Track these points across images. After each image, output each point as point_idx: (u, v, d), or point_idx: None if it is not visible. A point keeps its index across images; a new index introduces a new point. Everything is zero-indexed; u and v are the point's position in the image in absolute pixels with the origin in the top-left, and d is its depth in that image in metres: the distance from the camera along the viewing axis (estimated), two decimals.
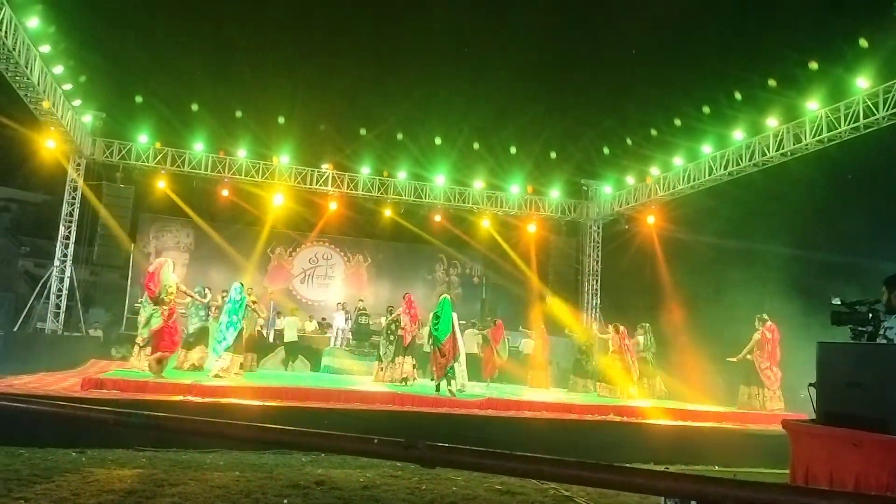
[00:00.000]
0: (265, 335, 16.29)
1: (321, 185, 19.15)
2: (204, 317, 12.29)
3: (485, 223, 20.73)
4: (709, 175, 16.42)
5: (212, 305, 12.59)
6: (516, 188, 20.24)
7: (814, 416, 4.08)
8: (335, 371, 14.73)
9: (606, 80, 17.38)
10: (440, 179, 19.55)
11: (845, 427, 3.73)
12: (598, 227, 21.49)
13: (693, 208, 17.70)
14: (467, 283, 22.86)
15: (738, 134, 15.35)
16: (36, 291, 17.07)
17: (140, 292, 18.74)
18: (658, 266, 18.60)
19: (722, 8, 14.77)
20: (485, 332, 15.48)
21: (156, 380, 9.81)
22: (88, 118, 17.39)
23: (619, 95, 17.19)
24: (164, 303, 10.28)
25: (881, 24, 11.93)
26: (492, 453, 1.71)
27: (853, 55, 12.44)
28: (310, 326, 17.05)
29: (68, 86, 15.16)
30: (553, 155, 19.20)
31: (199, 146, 18.22)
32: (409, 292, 13.65)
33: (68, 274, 17.22)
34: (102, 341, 17.16)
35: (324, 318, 18.53)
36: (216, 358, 11.27)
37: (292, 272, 21.46)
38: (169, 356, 10.71)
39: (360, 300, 18.34)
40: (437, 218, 20.26)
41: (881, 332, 4.21)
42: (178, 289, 10.93)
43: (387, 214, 20.13)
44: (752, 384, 12.18)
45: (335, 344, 16.72)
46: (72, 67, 14.72)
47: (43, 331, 16.60)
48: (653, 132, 16.99)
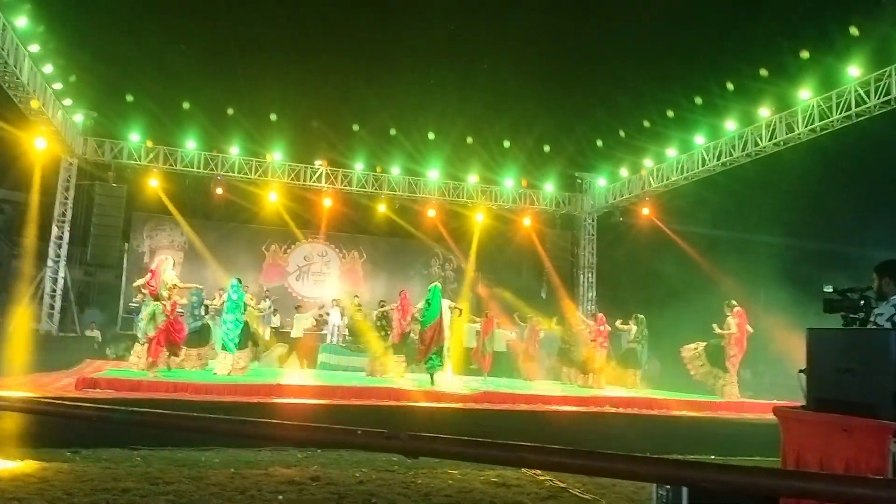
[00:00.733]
0: (262, 332, 16.24)
1: (315, 182, 19.12)
2: (200, 316, 12.32)
3: (479, 217, 20.73)
4: (702, 166, 16.45)
5: (209, 307, 12.64)
6: (510, 182, 20.23)
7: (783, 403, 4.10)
8: (331, 368, 14.78)
9: (599, 73, 17.38)
10: (434, 174, 19.53)
11: (835, 413, 3.75)
12: (593, 220, 21.50)
13: (687, 199, 17.75)
14: (462, 278, 22.85)
15: (731, 124, 15.37)
16: (30, 292, 17.01)
17: (135, 292, 18.86)
18: (653, 258, 18.64)
19: None
20: (477, 327, 15.52)
21: (150, 378, 9.80)
22: (79, 117, 17.33)
23: (612, 87, 17.20)
24: (165, 299, 10.33)
25: (872, 13, 11.95)
26: (473, 442, 1.71)
27: (844, 43, 12.47)
28: (307, 324, 17.00)
29: (58, 85, 15.10)
30: (547, 148, 19.21)
31: (192, 144, 18.16)
32: (406, 290, 13.70)
33: (62, 274, 17.17)
34: (101, 341, 17.11)
35: (326, 313, 18.42)
36: (223, 356, 11.34)
37: (287, 269, 21.42)
38: (177, 348, 10.88)
39: (356, 296, 18.29)
40: (432, 213, 20.25)
41: (871, 319, 4.23)
42: (177, 286, 10.97)
43: (381, 210, 20.11)
44: (716, 366, 12.22)
45: (331, 340, 16.71)
46: (62, 66, 14.66)
47: (37, 331, 16.55)
48: (646, 124, 17.03)
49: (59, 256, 17.26)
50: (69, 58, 14.63)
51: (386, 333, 12.57)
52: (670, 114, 16.14)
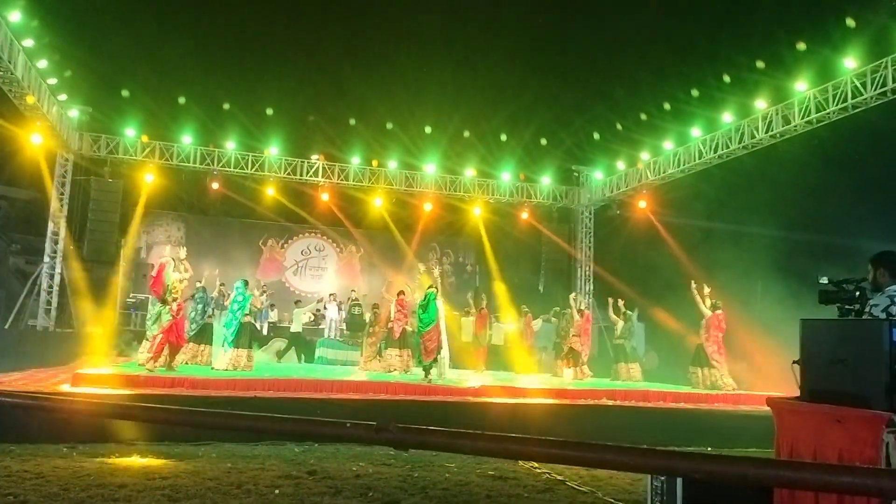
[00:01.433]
0: (259, 328, 16.25)
1: (311, 177, 19.07)
2: (202, 314, 12.44)
3: (476, 211, 20.72)
4: (699, 158, 16.44)
5: (211, 304, 12.74)
6: (507, 176, 20.21)
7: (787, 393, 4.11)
8: (329, 362, 14.82)
9: (596, 66, 17.34)
10: (431, 168, 19.50)
11: (829, 403, 3.75)
12: (590, 213, 21.49)
13: (684, 192, 17.74)
14: (460, 272, 22.88)
15: (727, 116, 15.34)
16: (27, 288, 16.97)
17: (132, 287, 18.82)
18: (650, 250, 18.65)
19: None
20: (472, 320, 15.52)
21: (148, 374, 9.81)
22: (74, 113, 17.23)
23: (609, 80, 17.17)
24: (170, 302, 10.44)
25: (868, 4, 11.92)
26: (463, 434, 1.71)
27: (841, 35, 12.43)
28: (306, 318, 17.02)
29: (53, 80, 15.01)
30: (544, 141, 19.18)
31: (188, 139, 18.09)
32: (404, 290, 13.74)
33: (58, 270, 17.13)
34: (98, 338, 17.06)
35: (324, 307, 18.42)
36: (224, 353, 11.46)
37: (285, 264, 21.43)
38: (177, 350, 10.92)
39: (353, 290, 18.31)
40: (429, 207, 20.23)
41: (867, 310, 4.23)
42: (179, 287, 11.06)
43: (378, 204, 20.08)
44: (703, 366, 12.36)
45: (329, 335, 16.73)
46: (56, 62, 14.57)
47: (34, 328, 16.53)
48: (642, 117, 16.99)
49: (56, 252, 17.22)
50: (64, 53, 14.54)
51: (390, 330, 12.84)
52: (667, 106, 16.12)
